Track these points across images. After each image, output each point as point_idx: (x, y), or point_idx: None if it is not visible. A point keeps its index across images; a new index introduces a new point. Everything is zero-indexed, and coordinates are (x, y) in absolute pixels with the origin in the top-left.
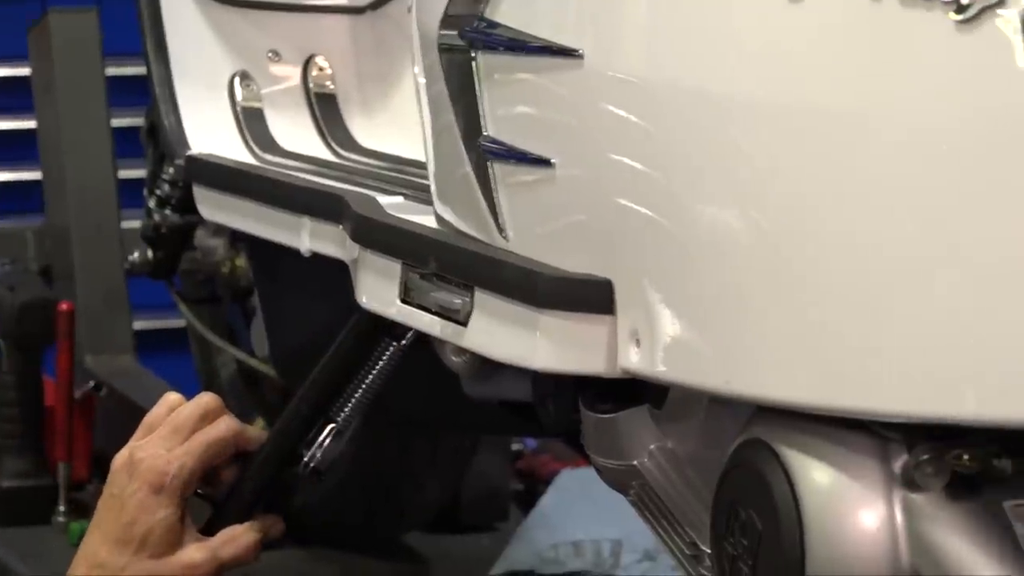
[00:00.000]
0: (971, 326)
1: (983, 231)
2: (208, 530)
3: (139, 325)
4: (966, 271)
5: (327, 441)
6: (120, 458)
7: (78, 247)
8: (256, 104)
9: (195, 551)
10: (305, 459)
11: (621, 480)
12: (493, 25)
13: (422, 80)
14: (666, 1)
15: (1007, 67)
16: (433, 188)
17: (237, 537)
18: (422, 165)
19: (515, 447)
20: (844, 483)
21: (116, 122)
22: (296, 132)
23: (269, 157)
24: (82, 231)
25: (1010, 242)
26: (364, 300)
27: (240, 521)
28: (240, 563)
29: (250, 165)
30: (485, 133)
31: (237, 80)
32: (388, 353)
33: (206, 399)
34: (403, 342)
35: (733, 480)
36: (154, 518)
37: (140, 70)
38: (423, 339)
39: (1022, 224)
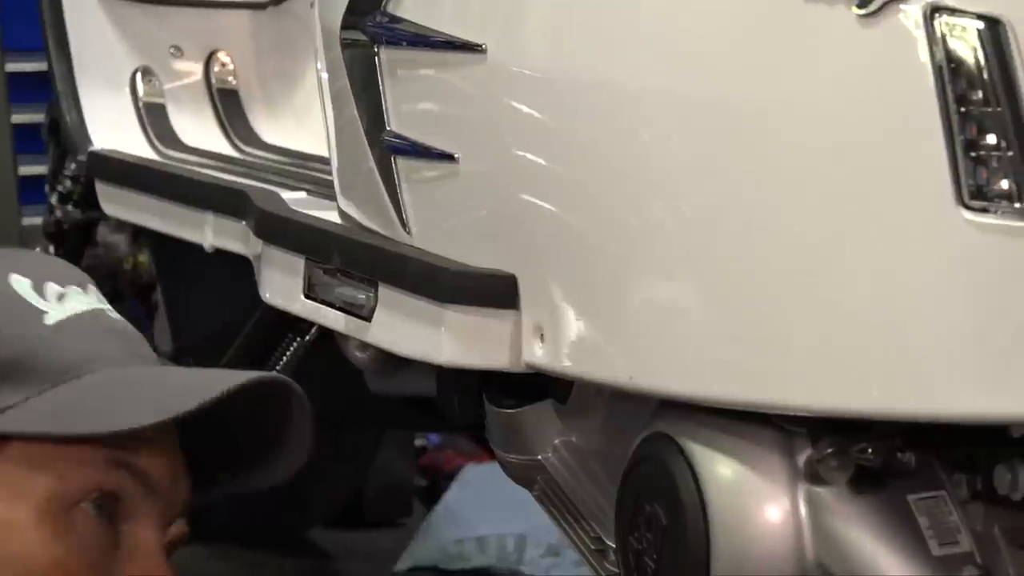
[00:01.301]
0: (873, 319)
1: (885, 224)
2: None
3: None
4: (867, 264)
5: None
6: None
7: None
8: (158, 100)
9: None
10: None
11: (525, 475)
12: (396, 20)
13: (325, 75)
14: None
15: (910, 61)
16: (336, 183)
17: None
18: (325, 161)
19: (418, 442)
20: (748, 477)
21: (16, 118)
22: (199, 128)
23: (172, 153)
24: None
25: (910, 234)
26: (268, 296)
27: None
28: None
29: (152, 161)
30: (388, 128)
31: (139, 76)
32: (292, 348)
33: None
34: (307, 337)
35: (637, 474)
36: None
37: (41, 66)
38: (327, 334)
39: (923, 217)
